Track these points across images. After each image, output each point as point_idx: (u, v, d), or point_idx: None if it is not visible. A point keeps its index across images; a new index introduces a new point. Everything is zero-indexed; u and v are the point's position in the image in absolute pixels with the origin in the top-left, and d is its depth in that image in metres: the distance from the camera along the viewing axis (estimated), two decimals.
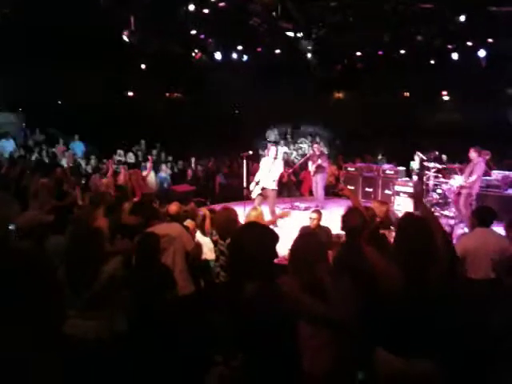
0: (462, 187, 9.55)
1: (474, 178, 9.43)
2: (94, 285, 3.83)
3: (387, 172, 12.64)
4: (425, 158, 11.42)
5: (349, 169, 13.74)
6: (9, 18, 10.54)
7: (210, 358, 4.70)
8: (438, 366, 3.04)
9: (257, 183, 9.83)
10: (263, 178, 9.83)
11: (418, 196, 10.52)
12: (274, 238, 2.76)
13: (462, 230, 8.93)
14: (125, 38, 11.29)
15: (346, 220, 4.16)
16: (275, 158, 9.99)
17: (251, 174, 11.08)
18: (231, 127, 17.38)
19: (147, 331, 4.20)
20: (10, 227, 4.76)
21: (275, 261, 2.80)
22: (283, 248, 4.25)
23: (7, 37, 12.02)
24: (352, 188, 13.28)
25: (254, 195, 9.79)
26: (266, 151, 10.05)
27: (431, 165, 10.79)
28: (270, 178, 9.78)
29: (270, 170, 9.83)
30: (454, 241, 5.75)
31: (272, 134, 9.57)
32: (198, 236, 5.95)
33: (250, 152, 9.89)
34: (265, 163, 10.01)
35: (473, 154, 9.63)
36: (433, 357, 3.04)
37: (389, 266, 3.18)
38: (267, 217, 7.08)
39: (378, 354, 3.13)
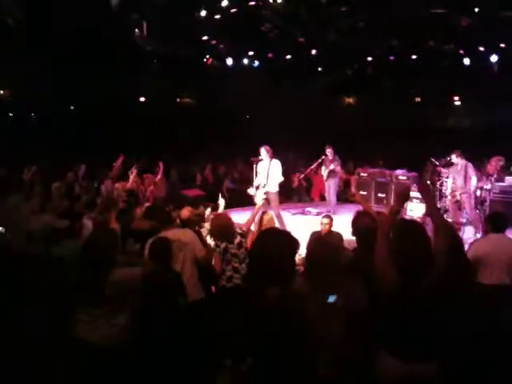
0: (462, 193, 9.48)
1: (475, 180, 9.43)
2: (106, 289, 3.85)
3: (400, 177, 12.57)
4: (437, 163, 11.35)
5: (361, 174, 13.67)
6: (19, 20, 10.65)
7: (219, 362, 4.73)
8: (441, 369, 3.03)
9: (257, 188, 9.66)
10: (263, 181, 9.65)
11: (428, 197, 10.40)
12: (295, 243, 2.77)
13: (473, 235, 8.86)
14: (136, 41, 11.38)
15: (355, 224, 4.15)
16: (271, 159, 9.64)
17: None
18: (241, 132, 17.40)
19: (157, 336, 4.21)
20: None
21: None
22: None
23: (15, 39, 12.16)
24: (364, 193, 13.24)
25: (257, 200, 9.58)
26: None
27: (444, 170, 10.72)
28: (271, 180, 9.55)
29: (268, 172, 9.57)
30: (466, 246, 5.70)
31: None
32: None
33: (260, 157, 9.80)
34: (262, 167, 9.73)
35: (457, 159, 9.57)
36: (434, 360, 3.03)
37: (388, 267, 3.16)
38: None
39: (379, 357, 3.11)
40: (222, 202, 6.78)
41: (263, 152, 9.65)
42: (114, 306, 3.91)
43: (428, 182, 11.70)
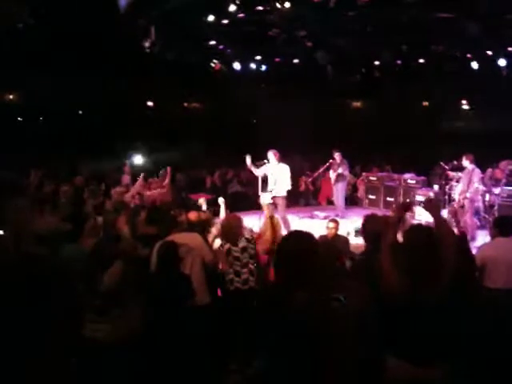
0: (464, 198, 9.39)
1: (476, 185, 9.31)
2: (101, 288, 3.92)
3: (409, 181, 12.54)
4: (447, 167, 11.30)
5: (370, 178, 13.66)
6: (28, 24, 10.73)
7: (225, 365, 4.73)
8: (449, 373, 3.02)
9: (267, 191, 9.66)
10: (272, 185, 9.63)
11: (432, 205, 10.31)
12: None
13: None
14: (145, 47, 11.43)
15: (363, 228, 4.14)
16: (278, 163, 9.65)
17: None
18: (249, 136, 17.40)
19: (163, 337, 4.22)
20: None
21: None
22: None
23: (25, 44, 12.26)
24: (373, 197, 13.25)
25: (263, 202, 9.55)
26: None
27: (453, 174, 10.68)
28: (279, 184, 9.57)
29: (276, 176, 9.59)
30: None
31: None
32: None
33: (265, 161, 9.80)
34: (270, 170, 9.73)
35: (466, 162, 9.50)
36: (442, 364, 3.02)
37: (395, 273, 3.17)
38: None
39: (388, 361, 3.11)
40: (221, 200, 6.93)
41: (271, 156, 9.65)
42: (117, 306, 3.97)
43: (436, 187, 11.68)
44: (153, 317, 4.32)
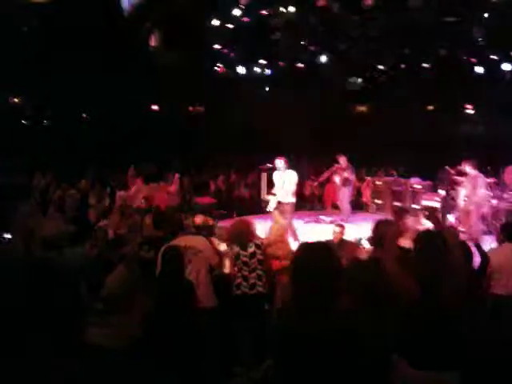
0: (469, 203, 9.30)
1: (482, 191, 9.21)
2: (101, 292, 3.92)
3: (415, 186, 12.48)
4: (452, 172, 11.24)
5: (377, 183, 13.60)
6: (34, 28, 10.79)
7: (228, 368, 4.71)
8: (456, 379, 3.00)
9: (274, 194, 9.59)
10: (278, 191, 9.56)
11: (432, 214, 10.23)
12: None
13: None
14: (150, 50, 11.47)
15: (374, 231, 4.12)
16: (285, 170, 9.47)
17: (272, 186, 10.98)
18: (253, 140, 17.43)
19: (167, 340, 4.20)
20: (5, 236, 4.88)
21: None
22: None
23: (29, 47, 12.32)
24: (380, 202, 13.19)
25: (269, 208, 9.46)
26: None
27: (460, 179, 10.62)
28: (285, 190, 9.43)
29: (283, 182, 9.65)
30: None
31: None
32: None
33: (269, 165, 9.73)
34: (276, 176, 9.63)
35: (468, 168, 9.41)
36: (454, 368, 3.00)
37: (407, 278, 3.16)
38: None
39: (398, 366, 3.09)
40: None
41: (281, 163, 9.56)
42: (118, 310, 3.96)
43: (442, 192, 11.62)
44: (156, 320, 4.31)
